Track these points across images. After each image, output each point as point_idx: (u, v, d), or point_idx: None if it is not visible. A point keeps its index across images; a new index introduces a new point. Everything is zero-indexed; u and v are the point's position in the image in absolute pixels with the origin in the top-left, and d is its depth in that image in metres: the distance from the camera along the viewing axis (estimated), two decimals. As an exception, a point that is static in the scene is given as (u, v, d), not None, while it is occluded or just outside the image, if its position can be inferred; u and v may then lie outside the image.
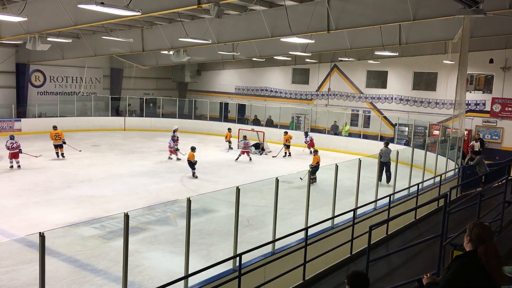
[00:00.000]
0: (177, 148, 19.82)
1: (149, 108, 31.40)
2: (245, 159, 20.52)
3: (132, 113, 31.25)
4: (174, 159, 19.73)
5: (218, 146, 24.14)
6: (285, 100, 30.90)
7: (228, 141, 23.76)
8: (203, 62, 31.14)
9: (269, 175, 15.61)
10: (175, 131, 22.40)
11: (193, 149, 17.06)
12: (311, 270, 7.59)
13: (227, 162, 20.12)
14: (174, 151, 19.80)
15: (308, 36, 15.32)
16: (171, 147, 19.92)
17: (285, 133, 22.59)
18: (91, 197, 13.56)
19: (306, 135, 23.39)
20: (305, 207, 8.36)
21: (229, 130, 24.07)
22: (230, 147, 23.66)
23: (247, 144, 20.64)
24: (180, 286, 6.00)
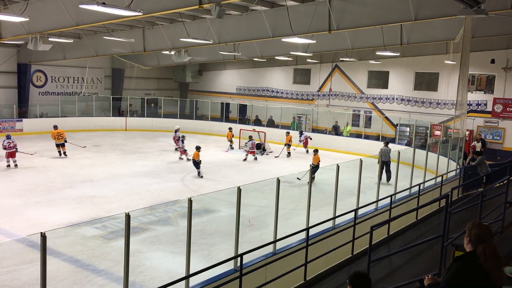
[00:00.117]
0: (185, 149, 19.86)
1: (150, 108, 31.43)
2: (249, 158, 20.69)
3: (134, 113, 31.28)
4: (184, 159, 19.69)
5: (219, 146, 24.13)
6: (286, 100, 30.90)
7: (230, 140, 23.80)
8: (204, 62, 31.16)
9: (270, 175, 15.62)
10: (176, 131, 22.49)
11: (197, 148, 17.17)
12: (312, 271, 7.59)
13: (228, 162, 20.12)
14: (184, 152, 19.77)
15: (310, 36, 15.31)
16: (181, 147, 19.92)
17: (287, 133, 22.71)
18: (92, 197, 13.57)
19: (300, 134, 23.53)
20: (306, 208, 8.36)
21: (230, 129, 24.11)
22: (231, 147, 23.71)
23: (254, 144, 20.99)
24: (181, 286, 5.99)
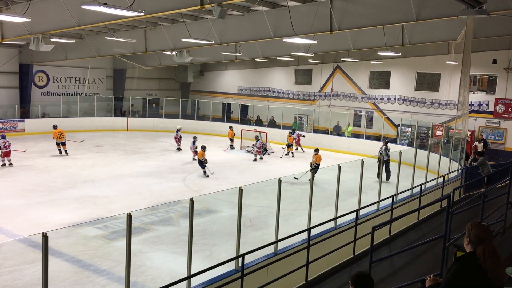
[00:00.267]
0: (196, 150, 19.85)
1: (152, 109, 31.47)
2: (251, 157, 20.91)
3: (135, 114, 31.32)
4: (197, 159, 19.61)
5: (221, 146, 24.14)
6: (287, 101, 30.89)
7: (231, 139, 23.85)
8: (206, 62, 31.16)
9: (271, 175, 15.62)
10: (178, 131, 22.55)
11: (203, 148, 17.34)
12: (314, 271, 7.59)
13: (229, 163, 20.13)
14: (196, 152, 19.72)
15: (311, 37, 15.30)
16: (192, 148, 19.91)
17: (290, 133, 22.80)
18: (94, 197, 13.58)
19: (293, 133, 23.62)
20: (307, 208, 8.36)
21: (230, 128, 24.25)
22: (232, 147, 23.77)
23: (262, 144, 21.34)
24: (183, 287, 6.00)
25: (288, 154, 22.23)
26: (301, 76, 30.79)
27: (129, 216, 5.40)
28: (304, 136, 23.81)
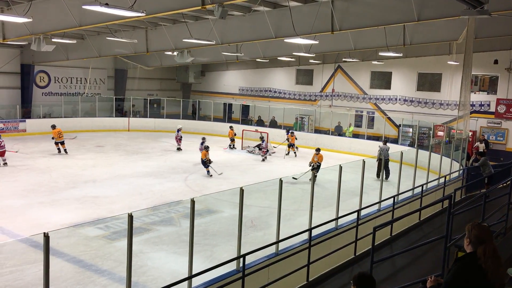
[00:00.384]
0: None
1: (153, 109, 31.49)
2: (252, 157, 20.96)
3: (136, 114, 31.34)
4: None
5: (221, 146, 24.15)
6: (289, 101, 30.88)
7: (231, 139, 23.87)
8: (207, 63, 31.17)
9: (272, 176, 15.60)
10: (179, 130, 22.58)
11: (206, 148, 17.44)
12: (315, 271, 7.58)
13: (230, 163, 20.13)
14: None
15: (312, 37, 15.29)
16: (201, 149, 19.91)
17: (292, 133, 22.80)
18: (95, 197, 13.59)
19: (287, 132, 23.66)
20: (308, 208, 8.35)
21: (231, 128, 24.31)
22: (234, 147, 23.79)
23: (267, 145, 21.55)
24: (184, 287, 6.00)
25: (289, 154, 22.24)
26: (302, 76, 30.78)
27: (130, 216, 5.40)
28: (296, 138, 23.77)
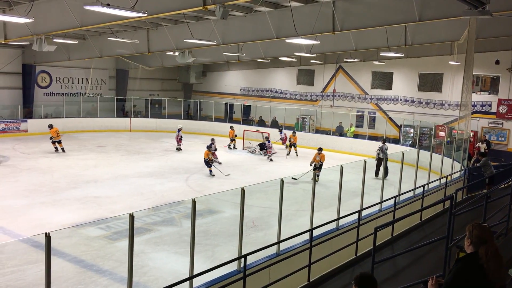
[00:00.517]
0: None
1: (154, 109, 31.51)
2: (259, 157, 21.02)
3: (138, 114, 31.36)
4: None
5: (223, 147, 24.15)
6: (290, 101, 30.88)
7: (232, 139, 23.88)
8: (208, 63, 31.19)
9: (273, 176, 15.61)
10: (179, 130, 22.60)
11: (208, 147, 17.64)
12: (316, 272, 7.58)
13: (231, 163, 20.13)
14: (213, 154, 19.71)
15: (313, 37, 15.29)
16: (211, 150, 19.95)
17: (294, 133, 22.83)
18: (96, 197, 13.61)
19: (280, 132, 23.71)
20: (310, 209, 8.35)
21: (231, 128, 24.35)
22: (234, 146, 23.80)
23: (271, 146, 21.69)
24: (185, 287, 6.01)
25: (290, 154, 22.25)
26: (303, 76, 30.77)
27: (132, 217, 5.40)
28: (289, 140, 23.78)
